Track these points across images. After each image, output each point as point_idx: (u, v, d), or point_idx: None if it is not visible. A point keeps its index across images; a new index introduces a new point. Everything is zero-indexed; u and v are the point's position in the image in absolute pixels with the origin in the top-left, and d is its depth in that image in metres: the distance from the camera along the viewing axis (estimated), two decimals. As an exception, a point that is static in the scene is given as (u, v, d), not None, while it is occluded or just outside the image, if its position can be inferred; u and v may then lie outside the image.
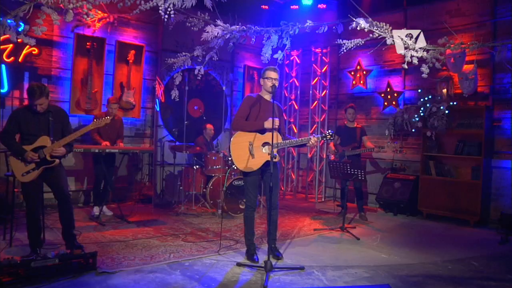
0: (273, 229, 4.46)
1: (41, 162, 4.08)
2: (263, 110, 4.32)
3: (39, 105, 4.05)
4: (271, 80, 4.29)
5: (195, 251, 4.57)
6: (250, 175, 4.29)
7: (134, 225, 5.60)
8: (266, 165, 4.24)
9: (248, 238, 4.46)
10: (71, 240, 4.18)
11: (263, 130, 4.25)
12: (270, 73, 4.31)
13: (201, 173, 6.88)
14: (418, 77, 7.40)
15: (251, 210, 4.39)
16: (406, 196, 7.04)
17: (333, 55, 8.72)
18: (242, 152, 4.25)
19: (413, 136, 7.45)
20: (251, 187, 4.32)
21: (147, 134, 7.59)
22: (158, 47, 7.66)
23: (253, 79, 9.00)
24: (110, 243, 4.66)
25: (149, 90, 7.64)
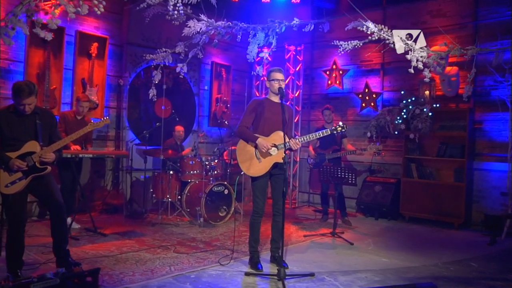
0: (277, 237, 4.66)
1: (30, 170, 3.96)
2: (271, 112, 4.52)
3: (28, 105, 3.93)
4: (277, 82, 4.50)
5: (194, 262, 4.66)
6: (258, 180, 4.47)
7: (112, 238, 5.55)
8: (275, 167, 4.45)
9: (253, 245, 4.62)
10: (64, 256, 4.09)
11: (268, 132, 4.47)
12: (276, 75, 4.54)
13: (176, 179, 6.92)
14: (397, 78, 7.98)
15: (258, 217, 4.56)
16: (388, 200, 7.52)
17: (307, 53, 9.08)
18: (248, 156, 4.46)
19: (392, 138, 7.97)
20: (259, 192, 4.50)
21: (111, 137, 7.49)
22: (122, 40, 7.57)
23: (221, 77, 9.13)
24: (97, 259, 4.61)
25: (112, 87, 7.53)
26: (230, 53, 9.38)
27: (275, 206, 4.57)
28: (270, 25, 5.57)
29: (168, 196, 6.80)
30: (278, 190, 4.55)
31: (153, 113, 7.93)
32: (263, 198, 4.53)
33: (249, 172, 4.47)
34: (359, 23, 5.07)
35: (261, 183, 4.50)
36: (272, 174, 4.53)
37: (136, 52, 7.58)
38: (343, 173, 6.09)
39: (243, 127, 4.53)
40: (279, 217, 4.56)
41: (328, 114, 7.11)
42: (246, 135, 4.51)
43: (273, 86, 4.54)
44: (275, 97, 4.60)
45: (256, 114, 4.54)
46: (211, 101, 9.01)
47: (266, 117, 4.51)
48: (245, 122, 4.55)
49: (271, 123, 4.51)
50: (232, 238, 5.74)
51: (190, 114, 8.59)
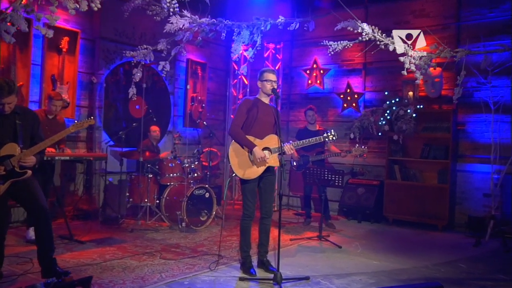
0: (265, 240, 4.80)
1: (8, 175, 3.91)
2: (263, 114, 4.65)
3: (7, 105, 3.89)
4: (270, 83, 4.63)
5: (184, 268, 4.72)
6: (249, 182, 4.59)
7: (90, 246, 5.52)
8: (266, 170, 4.59)
9: (245, 250, 4.73)
10: (51, 265, 4.06)
11: (262, 134, 4.60)
12: (268, 75, 4.66)
13: (154, 182, 6.94)
14: (379, 78, 8.26)
15: (249, 220, 4.68)
16: (371, 202, 7.79)
17: (286, 51, 9.26)
18: (241, 159, 4.57)
19: (374, 140, 8.25)
20: (250, 195, 4.62)
21: (82, 138, 7.40)
22: (95, 34, 7.50)
23: (196, 75, 9.18)
24: (80, 268, 4.60)
25: (84, 85, 7.45)
26: (206, 50, 9.43)
27: (264, 209, 4.69)
28: (255, 22, 5.70)
29: (146, 200, 6.80)
30: (267, 192, 4.69)
31: (128, 112, 7.90)
32: (254, 201, 4.64)
33: (241, 174, 4.56)
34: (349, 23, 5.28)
35: (252, 186, 4.62)
36: (262, 177, 4.65)
37: (109, 48, 7.54)
38: (330, 175, 6.28)
39: (237, 128, 4.60)
40: (267, 220, 4.72)
41: (311, 114, 7.30)
42: (243, 140, 4.57)
43: (265, 87, 4.65)
44: (266, 98, 4.73)
45: (248, 114, 4.63)
46: (186, 101, 9.04)
47: (259, 119, 4.61)
48: (238, 121, 4.62)
49: (263, 125, 4.63)
50: (217, 243, 5.83)
51: (165, 114, 8.60)
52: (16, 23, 3.38)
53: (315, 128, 7.30)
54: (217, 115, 9.90)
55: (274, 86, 4.61)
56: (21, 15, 3.39)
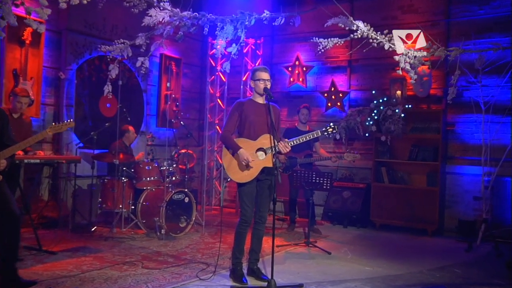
0: (257, 247, 4.88)
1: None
2: (256, 114, 4.73)
3: None
4: (263, 82, 4.71)
5: (170, 278, 4.75)
6: (246, 186, 4.67)
7: (64, 256, 5.45)
8: (262, 173, 4.66)
9: (237, 257, 4.80)
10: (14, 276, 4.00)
11: (256, 135, 4.69)
12: (261, 74, 4.74)
13: (129, 187, 6.92)
14: (365, 76, 8.45)
15: (245, 226, 4.74)
16: (357, 206, 7.97)
17: (267, 47, 9.36)
18: (235, 161, 4.66)
19: (360, 141, 8.44)
20: (248, 199, 4.70)
21: (47, 139, 7.27)
22: (61, 25, 7.38)
23: (170, 71, 9.18)
24: (56, 281, 4.53)
25: (50, 81, 7.36)
26: (181, 44, 9.36)
27: (258, 213, 4.77)
28: (239, 17, 5.76)
29: (121, 206, 6.77)
30: (263, 196, 4.75)
31: (98, 111, 7.84)
32: (252, 205, 4.72)
33: (236, 177, 4.65)
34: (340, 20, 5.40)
35: (249, 189, 4.69)
36: (259, 180, 4.72)
37: (78, 41, 7.47)
38: (318, 178, 6.40)
39: (226, 132, 4.73)
40: (261, 226, 4.80)
41: (305, 113, 7.45)
42: (229, 143, 4.69)
43: (258, 86, 4.74)
44: (260, 98, 4.82)
45: (240, 117, 4.73)
46: (160, 99, 9.04)
47: (252, 120, 4.71)
48: (229, 126, 4.75)
49: (257, 126, 4.71)
50: (200, 250, 5.92)
51: (138, 113, 8.56)
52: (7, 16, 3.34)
53: (306, 128, 7.41)
54: (192, 114, 9.91)
55: (267, 85, 4.69)
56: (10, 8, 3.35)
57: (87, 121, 7.73)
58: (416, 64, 5.09)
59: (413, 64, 5.08)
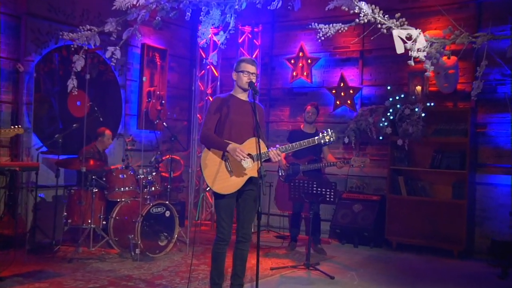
0: (240, 270, 4.64)
1: None
2: (238, 113, 4.55)
3: None
4: (247, 75, 4.52)
5: (136, 309, 4.47)
6: (225, 197, 4.44)
7: (13, 282, 5.21)
8: (247, 183, 4.46)
9: (215, 282, 4.58)
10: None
11: (240, 139, 4.48)
12: (245, 66, 4.56)
13: (100, 198, 6.72)
14: (380, 69, 8.16)
15: (223, 245, 4.52)
16: (370, 222, 7.65)
17: (266, 36, 9.12)
18: (216, 168, 4.45)
19: (373, 145, 8.14)
20: (225, 213, 4.48)
21: (3, 142, 7.00)
22: (20, 9, 7.12)
23: (154, 64, 8.97)
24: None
25: (6, 74, 7.07)
26: (166, 33, 9.21)
27: (241, 230, 4.58)
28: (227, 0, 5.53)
29: (89, 222, 6.54)
30: (246, 210, 4.59)
31: (66, 110, 7.60)
32: (230, 221, 4.52)
33: (217, 187, 4.44)
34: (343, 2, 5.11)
35: (228, 202, 4.48)
36: (242, 191, 4.53)
37: (41, 28, 7.22)
38: (319, 189, 6.13)
39: (206, 131, 4.54)
40: (245, 245, 4.60)
41: (313, 113, 7.25)
42: (212, 140, 4.50)
43: (241, 79, 4.56)
44: (243, 94, 4.65)
45: (221, 115, 4.56)
46: (142, 96, 8.83)
47: (233, 120, 4.53)
48: (209, 125, 4.57)
49: (239, 128, 4.53)
50: (180, 274, 5.70)
51: (114, 113, 8.34)
52: None
53: (314, 130, 7.23)
54: (180, 114, 9.67)
55: (252, 79, 4.52)
56: None
57: (56, 122, 7.50)
58: (432, 54, 4.77)
59: (430, 53, 4.77)
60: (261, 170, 4.10)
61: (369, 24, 4.86)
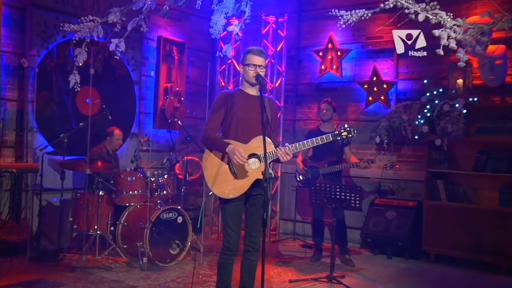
0: (248, 283, 4.58)
1: None
2: (246, 109, 4.46)
3: None
4: (253, 68, 4.42)
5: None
6: (232, 203, 4.37)
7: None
8: (254, 186, 4.36)
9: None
10: None
11: (246, 137, 4.40)
12: (252, 58, 4.47)
13: (107, 203, 6.70)
14: (417, 61, 7.87)
15: (230, 255, 4.45)
16: (405, 231, 7.41)
17: (292, 26, 8.98)
18: (218, 170, 4.38)
19: (410, 146, 7.90)
20: (232, 220, 4.41)
21: (8, 142, 7.07)
22: (25, 0, 7.16)
23: (171, 58, 8.94)
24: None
25: (11, 70, 7.12)
26: (185, 25, 9.17)
27: (249, 238, 4.50)
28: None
29: (96, 227, 6.53)
30: (255, 217, 4.48)
31: (75, 108, 7.61)
32: (238, 228, 4.45)
33: (219, 191, 4.36)
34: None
35: (235, 208, 4.41)
36: (249, 195, 4.44)
37: (47, 20, 7.22)
38: (342, 193, 5.94)
39: (209, 131, 4.47)
40: (253, 255, 4.50)
41: (327, 109, 7.16)
42: (212, 141, 4.44)
43: (248, 73, 4.47)
44: (252, 89, 4.54)
45: (226, 112, 4.49)
46: (158, 93, 8.80)
47: (240, 117, 4.45)
48: (212, 124, 4.52)
49: (247, 125, 4.44)
50: (188, 285, 5.62)
51: (127, 111, 8.34)
52: None
53: (331, 129, 7.10)
54: (200, 113, 9.58)
55: (260, 72, 4.40)
56: None
57: (62, 121, 7.51)
58: (468, 41, 4.52)
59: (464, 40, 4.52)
60: (266, 172, 3.96)
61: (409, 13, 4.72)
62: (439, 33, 4.57)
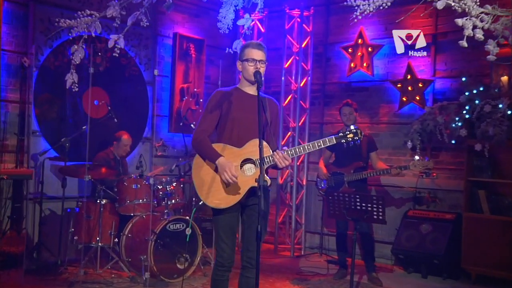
0: None
1: None
2: (242, 110, 4.36)
3: None
4: (253, 64, 4.30)
5: None
6: (225, 214, 4.26)
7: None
8: (251, 195, 4.24)
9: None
10: None
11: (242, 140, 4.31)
12: (250, 52, 4.35)
13: (111, 212, 6.69)
14: (457, 56, 7.74)
15: (223, 271, 4.36)
16: (441, 247, 7.16)
17: (319, 21, 8.90)
18: (209, 178, 4.28)
19: (448, 151, 7.67)
20: (225, 232, 4.32)
21: (10, 147, 7.16)
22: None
23: (188, 56, 8.96)
24: None
25: (12, 70, 7.20)
26: (203, 20, 9.16)
27: (246, 254, 4.37)
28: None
29: (98, 239, 6.50)
30: (252, 229, 4.33)
31: (82, 111, 7.65)
32: (231, 242, 4.34)
33: (209, 201, 4.25)
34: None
35: (228, 219, 4.31)
36: (246, 206, 4.33)
37: (51, 16, 7.21)
38: (363, 204, 5.72)
39: (200, 134, 4.37)
40: (251, 272, 4.35)
41: (348, 112, 7.00)
42: (203, 148, 4.34)
43: (247, 69, 4.35)
44: (251, 87, 4.43)
45: (221, 113, 4.38)
46: (174, 94, 8.81)
47: (235, 118, 4.35)
48: (205, 125, 4.41)
49: (243, 127, 4.34)
50: None
51: (139, 113, 8.37)
52: None
53: None
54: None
55: (260, 68, 4.27)
56: None
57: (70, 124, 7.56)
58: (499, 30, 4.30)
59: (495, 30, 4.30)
60: (261, 179, 3.80)
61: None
62: (462, 22, 4.38)
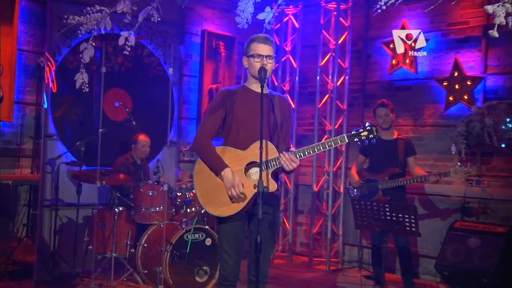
0: None
1: None
2: (249, 109, 4.29)
3: None
4: (260, 60, 4.23)
5: None
6: (228, 222, 4.21)
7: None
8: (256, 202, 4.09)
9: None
10: None
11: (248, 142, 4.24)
12: (257, 47, 4.29)
13: (127, 220, 6.74)
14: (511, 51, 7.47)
15: (227, 285, 4.31)
16: (491, 263, 6.88)
17: (358, 14, 8.81)
18: (212, 183, 4.22)
19: (501, 156, 7.45)
20: (228, 243, 4.26)
21: (26, 151, 7.32)
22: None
23: (217, 55, 9.02)
24: None
25: (30, 70, 7.36)
26: (234, 16, 9.01)
27: (253, 267, 4.27)
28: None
29: (112, 249, 6.57)
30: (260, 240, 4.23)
31: (103, 113, 7.66)
32: (236, 254, 4.26)
33: (212, 209, 4.23)
34: None
35: (233, 228, 4.25)
36: (253, 214, 4.23)
37: (69, 13, 7.24)
38: (394, 214, 5.55)
39: (203, 138, 4.31)
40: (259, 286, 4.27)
41: (384, 114, 6.85)
42: (206, 153, 4.28)
43: (253, 66, 4.29)
44: (257, 85, 4.28)
45: (226, 113, 4.34)
46: (202, 95, 8.86)
47: (241, 118, 4.30)
48: (208, 126, 4.37)
49: (249, 128, 4.27)
50: None
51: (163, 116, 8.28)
52: None
53: (392, 136, 6.92)
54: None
55: (267, 64, 4.19)
56: None
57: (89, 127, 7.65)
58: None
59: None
60: (260, 185, 3.71)
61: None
62: (493, 9, 4.18)
